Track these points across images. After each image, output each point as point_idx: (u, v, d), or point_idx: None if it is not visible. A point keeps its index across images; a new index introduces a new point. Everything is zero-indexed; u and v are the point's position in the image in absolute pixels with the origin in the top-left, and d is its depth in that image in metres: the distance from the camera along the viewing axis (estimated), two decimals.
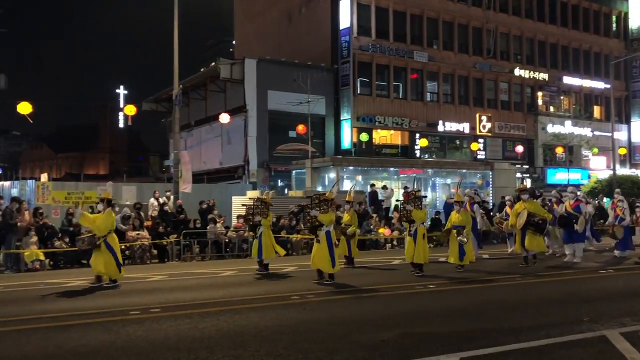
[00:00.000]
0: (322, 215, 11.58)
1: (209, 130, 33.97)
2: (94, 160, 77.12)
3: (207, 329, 7.31)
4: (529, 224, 13.78)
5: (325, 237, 11.46)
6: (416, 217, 12.63)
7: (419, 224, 12.64)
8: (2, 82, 27.37)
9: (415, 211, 12.67)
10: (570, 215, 14.93)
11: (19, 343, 6.82)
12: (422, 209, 12.95)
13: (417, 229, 12.61)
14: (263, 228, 13.27)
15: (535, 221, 13.77)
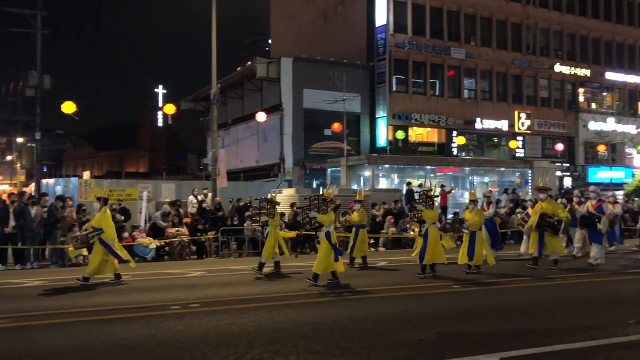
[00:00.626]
0: (322, 216, 11.42)
1: (246, 129, 34.35)
2: (134, 158, 78.78)
3: (245, 325, 7.41)
4: (543, 225, 13.24)
5: (325, 237, 11.22)
6: (427, 217, 12.34)
7: (429, 224, 12.28)
8: (46, 82, 28.10)
9: (426, 211, 12.38)
10: (592, 216, 14.26)
11: (66, 335, 7.05)
12: (434, 209, 12.62)
13: (428, 230, 12.25)
14: (270, 228, 13.05)
15: (550, 222, 13.22)
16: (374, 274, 13.03)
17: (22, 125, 43.54)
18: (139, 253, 16.13)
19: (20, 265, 14.72)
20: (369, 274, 12.99)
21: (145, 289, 10.89)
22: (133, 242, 16.20)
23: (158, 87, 43.61)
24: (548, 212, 13.33)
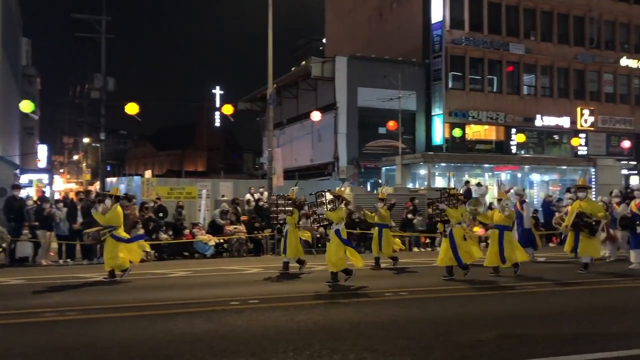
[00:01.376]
0: (330, 213, 11.19)
1: (300, 128, 34.65)
2: (193, 157, 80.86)
3: (303, 322, 7.50)
4: (580, 225, 12.52)
5: (335, 235, 10.94)
6: (451, 217, 11.77)
7: (454, 224, 11.71)
8: (110, 85, 29.22)
9: (450, 210, 11.81)
10: (635, 217, 13.33)
11: (131, 328, 7.32)
12: (458, 208, 11.96)
13: (452, 230, 11.66)
14: (289, 226, 12.90)
15: (588, 222, 12.44)
16: (430, 273, 12.88)
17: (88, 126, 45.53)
18: (198, 249, 16.56)
19: (87, 260, 15.41)
20: (425, 274, 12.84)
21: (205, 284, 11.18)
22: (193, 239, 16.65)
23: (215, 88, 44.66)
24: (586, 212, 12.55)
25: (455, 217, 11.75)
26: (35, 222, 15.26)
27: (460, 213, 11.94)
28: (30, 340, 6.77)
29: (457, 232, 11.64)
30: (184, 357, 5.88)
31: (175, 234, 16.81)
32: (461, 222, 11.92)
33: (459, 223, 11.80)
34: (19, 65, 51.03)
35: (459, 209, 11.97)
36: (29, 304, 9.09)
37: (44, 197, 17.18)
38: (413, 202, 19.84)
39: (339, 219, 11.06)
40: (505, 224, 12.15)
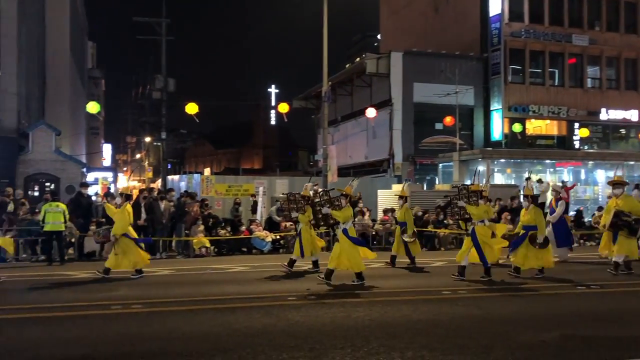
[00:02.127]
0: (336, 212, 10.85)
1: (355, 125, 34.59)
2: (250, 155, 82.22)
3: (360, 319, 7.52)
4: (619, 225, 11.77)
5: (343, 235, 10.60)
6: (472, 215, 11.23)
7: (477, 222, 11.13)
8: (171, 85, 30.11)
9: (470, 207, 11.27)
10: None
11: (192, 321, 7.55)
12: (480, 205, 11.32)
13: (474, 229, 11.10)
14: (302, 225, 12.53)
15: (627, 221, 11.67)
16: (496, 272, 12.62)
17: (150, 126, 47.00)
18: (256, 245, 16.84)
19: (150, 256, 15.94)
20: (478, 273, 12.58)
21: (263, 280, 11.36)
22: (250, 236, 16.94)
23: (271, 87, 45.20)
24: (625, 210, 11.82)
25: (476, 215, 11.18)
26: (101, 219, 15.94)
27: (484, 210, 11.35)
28: (99, 330, 7.10)
29: (480, 230, 11.07)
30: (244, 350, 6.02)
31: (233, 230, 17.18)
32: (484, 220, 11.24)
33: (482, 221, 11.18)
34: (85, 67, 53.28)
35: (481, 206, 11.36)
36: (96, 296, 9.52)
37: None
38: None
39: (346, 218, 10.70)
40: (531, 224, 11.34)
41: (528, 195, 11.71)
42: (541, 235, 11.21)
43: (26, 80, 28.49)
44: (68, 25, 38.72)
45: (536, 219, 11.31)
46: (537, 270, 11.41)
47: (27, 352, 6.08)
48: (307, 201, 12.59)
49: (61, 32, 38.10)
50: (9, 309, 8.48)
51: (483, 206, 11.40)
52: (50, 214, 14.23)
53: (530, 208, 11.50)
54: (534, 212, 11.41)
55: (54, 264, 14.19)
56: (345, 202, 10.97)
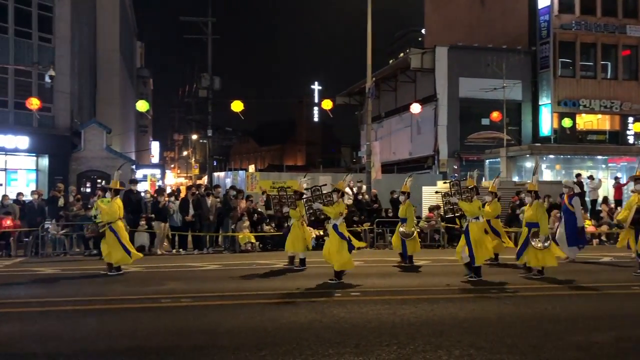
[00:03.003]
0: (327, 208, 10.69)
1: (399, 121, 34.33)
2: (293, 152, 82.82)
3: (405, 316, 7.47)
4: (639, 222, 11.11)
5: (333, 231, 10.49)
6: (465, 211, 10.93)
7: (471, 219, 10.80)
8: (216, 83, 30.61)
9: (463, 204, 10.98)
10: None
11: (239, 316, 7.67)
12: (473, 201, 10.98)
13: (468, 225, 10.79)
14: (293, 220, 12.38)
15: None
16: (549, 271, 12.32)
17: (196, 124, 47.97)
18: None
19: (198, 250, 16.29)
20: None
21: (307, 275, 11.43)
22: None
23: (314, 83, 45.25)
24: None
25: (470, 212, 10.85)
26: (151, 214, 16.37)
27: (477, 206, 10.98)
28: (149, 323, 7.30)
29: (474, 227, 10.73)
30: (290, 345, 6.08)
31: (277, 226, 17.31)
32: (479, 217, 10.95)
33: (477, 218, 10.87)
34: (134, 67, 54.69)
35: (475, 202, 11.02)
36: (147, 290, 9.79)
37: (160, 191, 18.36)
38: (519, 196, 19.04)
39: (337, 214, 10.52)
40: (533, 221, 10.89)
41: (532, 190, 11.26)
42: (543, 235, 10.76)
43: (79, 81, 29.46)
44: (118, 27, 39.85)
45: (539, 215, 10.89)
46: (536, 270, 10.98)
47: (80, 343, 6.30)
48: (299, 197, 12.44)
49: (111, 34, 39.24)
50: (65, 301, 8.82)
51: (477, 202, 11.10)
52: None
53: (534, 204, 11.10)
54: (537, 208, 11.02)
55: None
56: (337, 198, 10.80)
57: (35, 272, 11.93)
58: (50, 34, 26.70)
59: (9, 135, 25.15)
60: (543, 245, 10.66)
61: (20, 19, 25.75)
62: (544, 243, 10.66)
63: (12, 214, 15.61)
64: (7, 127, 25.31)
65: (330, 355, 5.72)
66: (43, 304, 8.60)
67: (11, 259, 14.53)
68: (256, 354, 5.80)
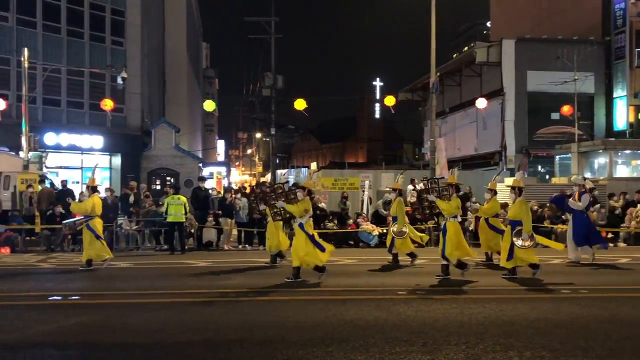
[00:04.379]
0: (290, 206, 10.39)
1: (464, 116, 33.63)
2: (354, 149, 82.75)
3: (474, 315, 7.32)
4: None
5: (299, 229, 10.17)
6: (442, 209, 10.59)
7: (449, 218, 10.45)
8: (280, 82, 31.03)
9: (440, 202, 10.68)
10: None
11: (305, 311, 7.76)
12: (452, 199, 10.63)
13: (446, 224, 10.44)
14: (269, 218, 12.16)
15: None
16: (611, 271, 11.77)
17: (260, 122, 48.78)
18: (362, 239, 16.92)
19: (263, 247, 16.54)
20: (607, 272, 11.75)
21: (371, 273, 11.39)
22: (357, 229, 17.05)
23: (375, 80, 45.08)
24: None
25: (447, 210, 10.51)
26: (218, 211, 16.80)
27: (456, 205, 10.62)
28: (219, 316, 7.51)
29: (452, 226, 10.43)
30: (357, 342, 6.09)
31: (340, 224, 17.37)
32: (457, 216, 10.62)
33: (455, 217, 10.55)
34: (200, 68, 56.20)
35: (453, 201, 10.68)
36: (216, 284, 10.08)
37: (229, 188, 18.83)
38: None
39: (301, 212, 10.21)
40: (516, 219, 10.45)
41: (515, 187, 10.79)
42: (526, 233, 10.28)
43: (148, 82, 30.61)
44: (185, 29, 41.08)
45: (522, 213, 10.43)
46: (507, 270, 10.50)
47: (155, 335, 6.56)
48: (279, 194, 12.15)
49: (179, 35, 40.51)
50: (137, 294, 9.21)
51: (455, 201, 10.73)
52: (172, 206, 15.20)
53: (517, 201, 10.63)
54: (520, 205, 10.54)
55: (176, 253, 15.16)
56: (302, 195, 10.52)
57: (110, 266, 12.50)
58: (122, 38, 27.89)
59: (85, 135, 26.48)
60: (526, 243, 10.27)
61: (95, 24, 27.04)
62: (527, 242, 10.27)
63: None
64: (83, 128, 26.66)
65: (397, 353, 5.69)
66: (119, 296, 9.02)
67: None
68: (323, 349, 5.85)
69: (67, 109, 26.26)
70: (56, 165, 25.95)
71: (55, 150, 25.44)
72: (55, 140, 25.14)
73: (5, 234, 15.82)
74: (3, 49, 24.20)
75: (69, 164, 26.65)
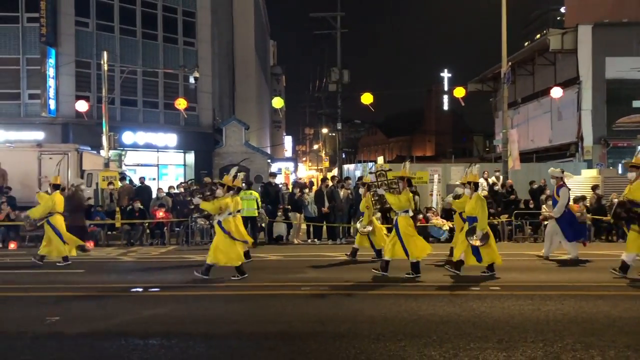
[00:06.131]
0: (205, 204, 10.11)
1: (537, 107, 32.41)
2: (421, 142, 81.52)
3: (551, 313, 7.10)
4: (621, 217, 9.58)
5: (217, 226, 10.03)
6: (392, 204, 10.15)
7: (400, 212, 10.01)
8: (345, 77, 31.06)
9: (389, 195, 10.21)
10: None
11: (376, 305, 7.76)
12: (404, 193, 10.10)
13: (397, 220, 10.00)
14: None
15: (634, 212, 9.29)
16: None
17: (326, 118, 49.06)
18: (432, 234, 16.70)
19: (332, 241, 16.71)
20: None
21: (441, 268, 11.24)
22: (427, 224, 16.85)
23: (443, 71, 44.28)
24: (636, 199, 9.39)
25: (396, 205, 10.08)
26: (288, 206, 17.08)
27: (406, 199, 10.10)
28: (291, 309, 7.66)
29: (403, 221, 9.98)
30: (430, 337, 6.06)
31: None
32: (408, 210, 10.12)
33: (406, 211, 10.06)
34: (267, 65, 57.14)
35: (404, 195, 10.15)
36: (288, 277, 10.28)
37: (299, 184, 19.14)
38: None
39: (216, 210, 10.05)
40: (473, 215, 9.95)
41: (470, 182, 10.32)
42: (481, 231, 9.81)
43: (219, 80, 31.45)
44: (253, 28, 41.87)
45: (477, 209, 9.91)
46: None
47: (232, 326, 6.78)
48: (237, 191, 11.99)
49: (247, 34, 41.34)
50: (213, 286, 9.53)
51: (405, 195, 10.20)
52: (245, 201, 15.58)
53: (473, 197, 10.15)
54: (476, 201, 10.04)
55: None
56: (222, 192, 10.31)
57: (186, 259, 13.00)
58: (193, 38, 28.82)
59: (160, 133, 27.59)
60: (479, 242, 9.81)
61: (168, 26, 28.07)
62: (480, 240, 9.81)
63: (165, 206, 17.10)
64: (158, 126, 27.78)
65: (472, 350, 5.62)
66: (196, 288, 9.38)
67: (165, 247, 15.93)
68: (396, 344, 5.86)
69: (143, 108, 27.44)
70: (134, 162, 27.18)
71: (133, 148, 26.65)
72: (133, 139, 26.33)
73: (89, 228, 16.78)
74: (84, 53, 25.57)
75: (145, 162, 27.85)
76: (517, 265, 11.58)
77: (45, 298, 8.66)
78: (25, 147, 20.54)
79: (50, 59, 24.32)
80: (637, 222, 9.41)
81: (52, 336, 6.41)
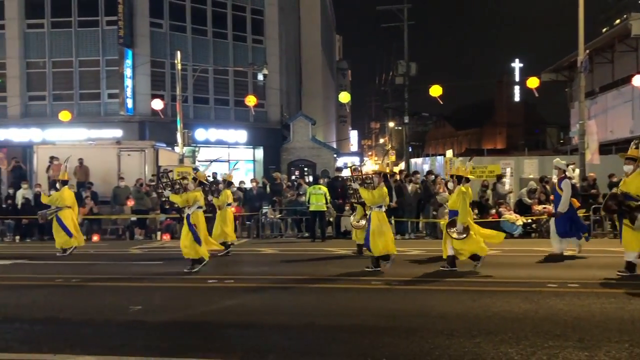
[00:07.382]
0: (175, 196, 10.18)
1: (617, 96, 30.77)
2: (491, 135, 79.24)
3: (637, 311, 6.77)
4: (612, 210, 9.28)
5: (185, 220, 10.33)
6: (365, 199, 10.31)
7: (373, 208, 10.14)
8: (413, 69, 30.70)
9: (363, 190, 10.30)
10: None
11: (450, 302, 7.67)
12: (379, 188, 10.21)
13: (371, 215, 10.13)
14: None
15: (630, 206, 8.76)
16: None
17: (392, 111, 48.70)
18: (505, 229, 16.23)
19: (400, 235, 16.61)
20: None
21: (517, 264, 10.98)
22: (499, 219, 16.43)
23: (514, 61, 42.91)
24: (631, 192, 8.80)
25: (369, 200, 10.24)
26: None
27: (379, 195, 10.21)
28: (362, 303, 7.72)
29: (375, 216, 10.11)
30: (506, 334, 5.93)
31: (480, 213, 16.84)
32: (381, 205, 10.24)
33: (379, 206, 10.18)
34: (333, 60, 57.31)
35: (377, 190, 10.25)
36: (357, 272, 10.30)
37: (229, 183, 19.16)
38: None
39: (184, 202, 10.34)
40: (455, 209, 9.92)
41: (453, 175, 10.31)
42: (461, 224, 9.73)
43: (286, 77, 31.89)
44: (319, 23, 42.11)
45: (458, 202, 9.85)
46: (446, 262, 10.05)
47: (301, 317, 6.90)
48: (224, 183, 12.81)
49: (313, 30, 41.64)
50: (285, 279, 9.73)
51: (379, 190, 10.28)
52: (314, 196, 15.80)
53: (456, 190, 10.06)
54: (458, 194, 9.97)
55: (316, 241, 15.73)
56: (194, 186, 10.54)
57: (258, 252, 13.31)
58: (261, 36, 29.34)
59: (231, 130, 28.32)
60: (459, 235, 9.75)
61: (237, 25, 28.72)
62: (460, 234, 9.76)
63: (237, 201, 17.57)
64: (228, 123, 28.53)
65: (550, 348, 5.45)
66: (268, 280, 9.59)
67: (237, 240, 16.36)
68: (470, 340, 5.77)
69: (214, 106, 28.24)
70: (206, 159, 28.04)
71: (205, 145, 27.49)
72: (205, 136, 27.17)
73: (165, 222, 17.50)
74: (159, 53, 26.59)
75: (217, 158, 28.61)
76: (597, 262, 11.10)
77: (127, 288, 9.13)
78: (105, 145, 21.60)
79: (127, 60, 25.46)
80: (627, 217, 9.01)
81: (136, 324, 6.76)
